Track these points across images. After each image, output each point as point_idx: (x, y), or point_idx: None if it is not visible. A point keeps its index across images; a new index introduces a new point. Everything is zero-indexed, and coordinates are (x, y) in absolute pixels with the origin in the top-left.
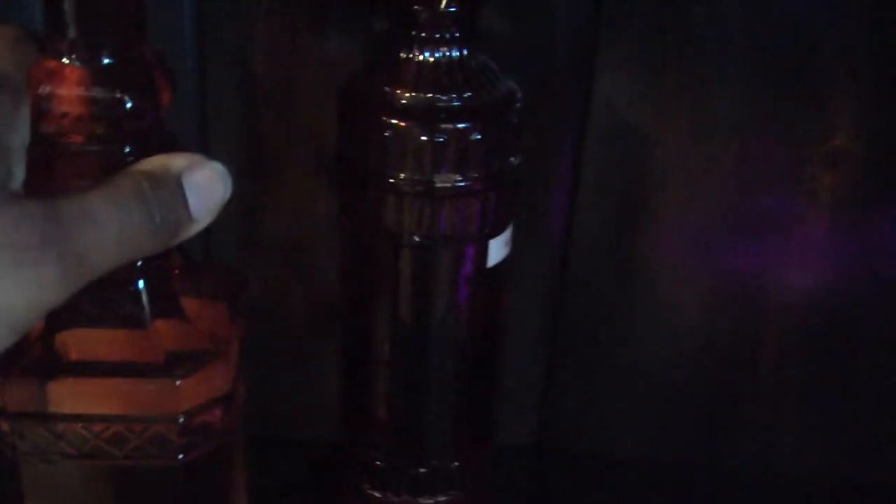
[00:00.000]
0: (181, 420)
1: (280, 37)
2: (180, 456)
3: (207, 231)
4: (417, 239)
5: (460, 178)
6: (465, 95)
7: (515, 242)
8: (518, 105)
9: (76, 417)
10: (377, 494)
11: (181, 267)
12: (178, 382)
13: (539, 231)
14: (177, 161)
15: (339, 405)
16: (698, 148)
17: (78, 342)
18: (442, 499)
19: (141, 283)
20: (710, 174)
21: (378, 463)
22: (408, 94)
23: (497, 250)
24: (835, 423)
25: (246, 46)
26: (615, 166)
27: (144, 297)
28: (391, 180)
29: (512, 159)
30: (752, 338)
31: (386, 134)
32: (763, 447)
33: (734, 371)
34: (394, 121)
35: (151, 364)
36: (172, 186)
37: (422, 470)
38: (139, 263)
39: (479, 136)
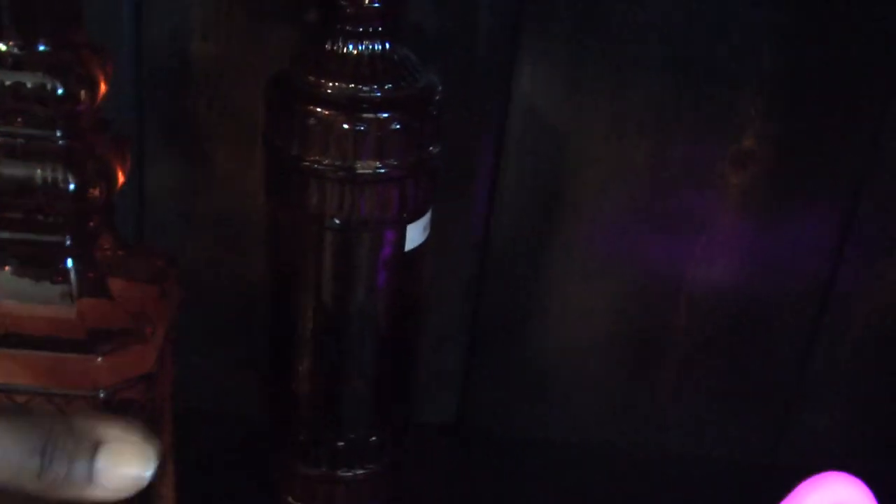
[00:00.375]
0: (101, 395)
1: (216, 21)
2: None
3: (142, 208)
4: (338, 222)
5: (380, 165)
6: (386, 87)
7: (438, 228)
8: (437, 97)
9: None
10: (300, 468)
11: (112, 247)
12: (98, 359)
13: (461, 218)
14: (105, 429)
15: (265, 380)
16: (613, 144)
17: (4, 315)
18: (360, 472)
19: (69, 262)
20: (624, 170)
21: (300, 437)
22: (331, 84)
23: (415, 235)
24: (738, 409)
25: (182, 29)
26: (534, 159)
27: (72, 276)
28: (314, 166)
29: (431, 148)
30: (663, 326)
31: (310, 121)
32: (669, 431)
33: (644, 357)
34: (318, 109)
35: (74, 340)
36: (83, 445)
37: (340, 444)
38: (68, 242)
39: (398, 126)
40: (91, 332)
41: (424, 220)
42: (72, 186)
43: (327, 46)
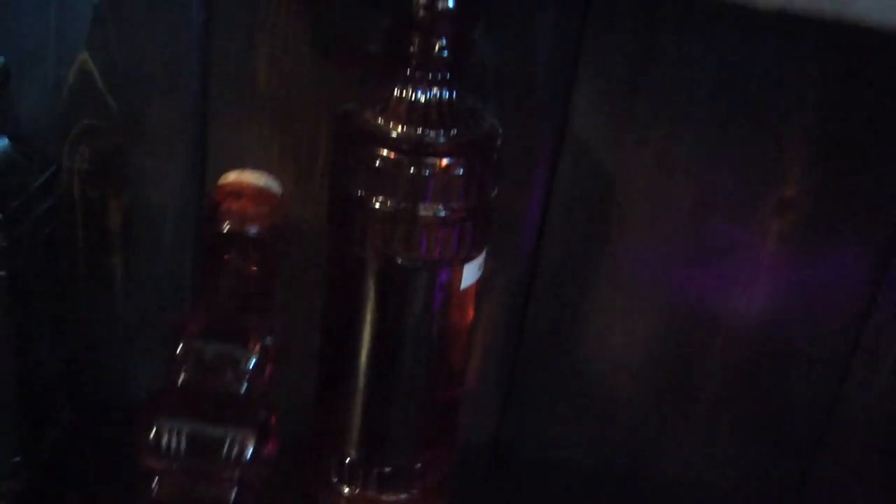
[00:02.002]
0: None
1: (282, 57)
2: None
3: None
4: (399, 261)
5: (441, 209)
6: (451, 132)
7: (489, 256)
8: (498, 142)
9: None
10: (345, 489)
11: None
12: None
13: (512, 246)
14: None
15: (316, 404)
16: (660, 184)
17: None
18: (403, 496)
19: None
20: (669, 209)
21: (348, 460)
22: (399, 129)
23: (470, 273)
24: (768, 443)
25: (249, 64)
26: (582, 194)
27: None
28: (377, 206)
29: (490, 192)
30: (700, 357)
31: (376, 163)
32: (699, 460)
33: (680, 386)
34: (384, 152)
35: None
36: None
37: (387, 469)
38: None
39: (461, 171)
40: None
41: (480, 259)
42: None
43: (396, 91)
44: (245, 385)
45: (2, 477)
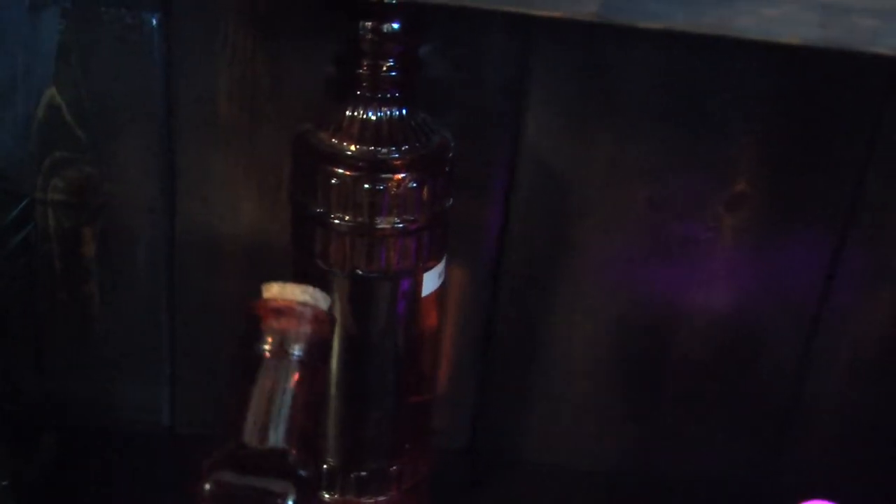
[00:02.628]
0: None
1: (242, 86)
2: None
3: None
4: (360, 273)
5: (398, 221)
6: (403, 148)
7: (453, 266)
8: (450, 154)
9: None
10: (325, 495)
11: None
12: None
13: (475, 256)
14: None
15: None
16: (614, 188)
17: None
18: (382, 498)
19: None
20: (625, 210)
21: (325, 466)
22: (353, 147)
23: (431, 281)
24: (734, 432)
25: (211, 94)
26: (539, 201)
27: None
28: (337, 222)
29: (445, 202)
30: (663, 353)
31: (333, 181)
32: (669, 454)
33: (646, 382)
34: (340, 170)
35: None
36: None
37: (363, 473)
38: None
39: (415, 185)
40: None
41: (439, 267)
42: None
43: (348, 111)
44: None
45: None
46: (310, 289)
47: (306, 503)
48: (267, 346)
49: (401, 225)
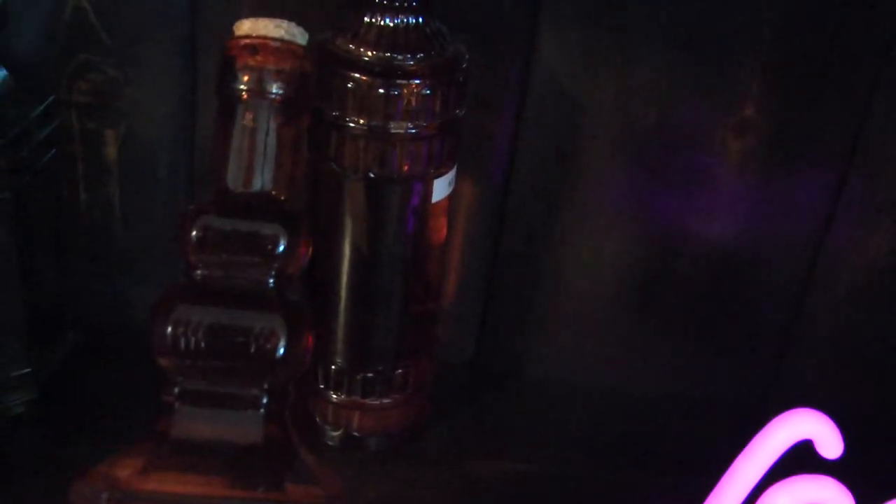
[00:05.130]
0: None
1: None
2: None
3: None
4: (372, 175)
5: (411, 126)
6: (418, 56)
7: (462, 183)
8: (464, 65)
9: None
10: (332, 395)
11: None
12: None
13: (483, 174)
14: None
15: None
16: (622, 111)
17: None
18: (386, 400)
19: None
20: (632, 133)
21: (334, 368)
22: (369, 53)
23: (441, 188)
24: (734, 355)
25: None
26: (551, 121)
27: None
28: (352, 125)
29: (457, 111)
30: (665, 276)
31: (349, 86)
32: (669, 373)
33: (648, 304)
34: (356, 75)
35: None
36: None
37: (369, 374)
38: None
39: (428, 91)
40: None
41: (450, 175)
42: (282, 350)
43: (366, 18)
44: (274, 269)
45: (14, 387)
46: (284, 23)
47: (294, 244)
48: (243, 86)
49: (413, 130)
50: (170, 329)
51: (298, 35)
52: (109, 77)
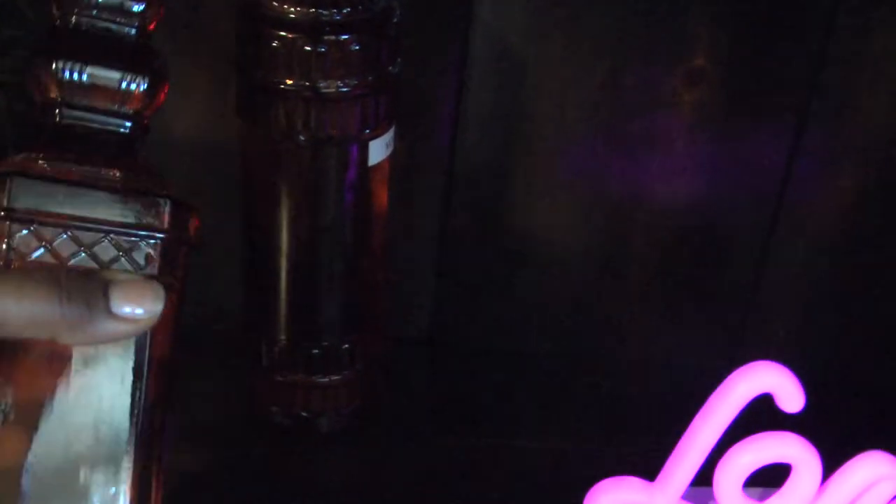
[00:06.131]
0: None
1: None
2: None
3: None
4: (304, 139)
5: (342, 84)
6: (345, 10)
7: (405, 150)
8: (395, 19)
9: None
10: (279, 376)
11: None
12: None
13: (428, 140)
14: (110, 274)
15: (246, 295)
16: (570, 67)
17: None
18: (335, 377)
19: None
20: (581, 89)
21: (278, 345)
22: (294, 9)
23: (378, 150)
24: (697, 317)
25: None
26: (496, 80)
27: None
28: (280, 86)
29: (390, 68)
30: (623, 240)
31: (275, 44)
32: (630, 339)
33: (606, 270)
34: (282, 33)
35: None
36: (92, 283)
37: (315, 351)
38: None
39: (357, 47)
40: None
41: (387, 136)
42: (143, 86)
43: None
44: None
45: None
46: None
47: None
48: None
49: (345, 89)
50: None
51: None
52: None
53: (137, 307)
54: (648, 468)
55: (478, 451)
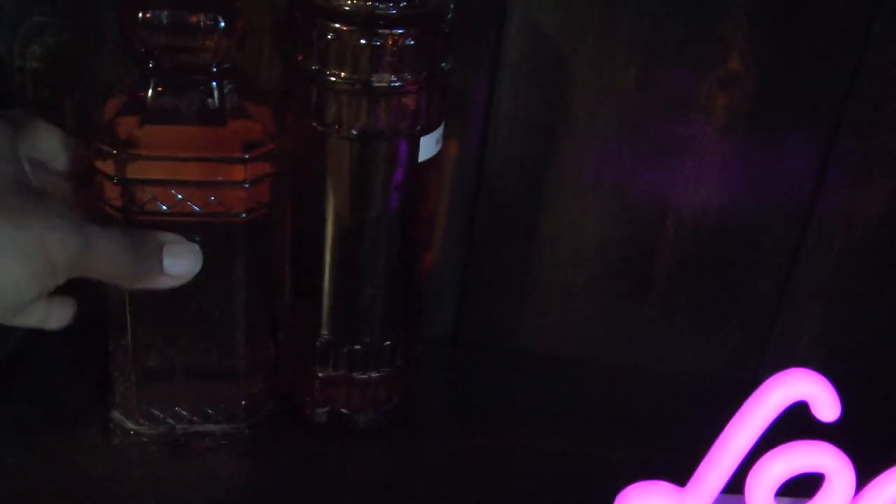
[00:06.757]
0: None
1: None
2: (243, 214)
3: None
4: (355, 133)
5: (395, 79)
6: (402, 5)
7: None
8: (449, 15)
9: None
10: (319, 372)
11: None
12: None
13: (458, 136)
14: (163, 236)
15: (292, 293)
16: (603, 68)
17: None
18: (374, 374)
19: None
20: (613, 91)
21: (320, 341)
22: (350, 2)
23: (428, 147)
24: (723, 324)
25: None
26: (528, 79)
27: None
28: (333, 79)
29: (443, 64)
30: (650, 243)
31: (329, 37)
32: (655, 344)
33: (632, 273)
34: (337, 25)
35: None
36: (152, 244)
37: (357, 347)
38: (214, 69)
39: (412, 42)
40: (241, 145)
41: (437, 133)
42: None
43: None
44: None
45: None
46: None
47: None
48: None
49: (398, 83)
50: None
51: None
52: (64, 41)
53: (183, 267)
54: (672, 475)
55: (499, 453)
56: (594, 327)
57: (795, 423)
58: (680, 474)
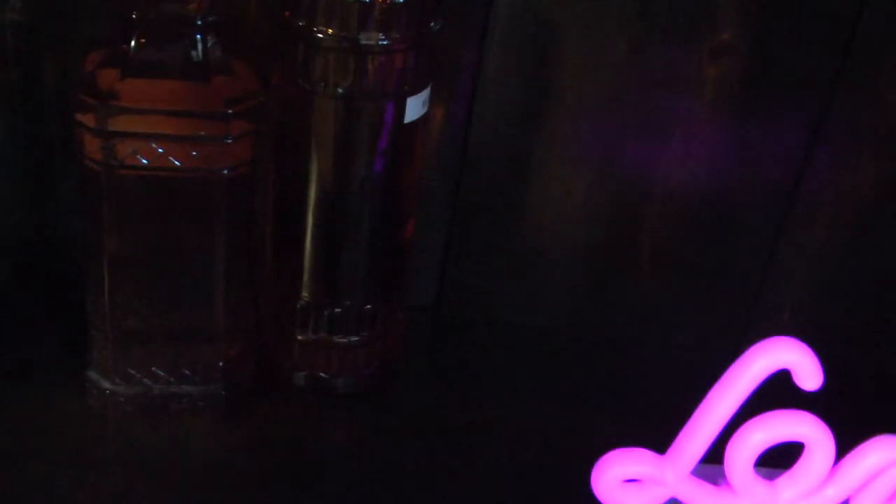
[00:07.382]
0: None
1: None
2: (225, 171)
3: None
4: (342, 91)
5: (383, 38)
6: None
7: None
8: None
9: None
10: (299, 335)
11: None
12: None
13: (445, 103)
14: None
15: (271, 252)
16: (593, 38)
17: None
18: (354, 339)
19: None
20: (602, 64)
21: (300, 304)
22: None
23: (414, 108)
24: (708, 299)
25: None
26: (517, 48)
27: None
28: (320, 36)
29: (431, 24)
30: (637, 216)
31: None
32: (640, 318)
33: (619, 246)
34: None
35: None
36: None
37: (337, 310)
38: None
39: (400, 0)
40: (224, 101)
41: (424, 94)
42: None
43: None
44: None
45: None
46: None
47: None
48: None
49: (385, 42)
50: None
51: None
52: None
53: None
54: (655, 446)
55: (480, 422)
56: (578, 299)
57: (777, 394)
58: (663, 445)
